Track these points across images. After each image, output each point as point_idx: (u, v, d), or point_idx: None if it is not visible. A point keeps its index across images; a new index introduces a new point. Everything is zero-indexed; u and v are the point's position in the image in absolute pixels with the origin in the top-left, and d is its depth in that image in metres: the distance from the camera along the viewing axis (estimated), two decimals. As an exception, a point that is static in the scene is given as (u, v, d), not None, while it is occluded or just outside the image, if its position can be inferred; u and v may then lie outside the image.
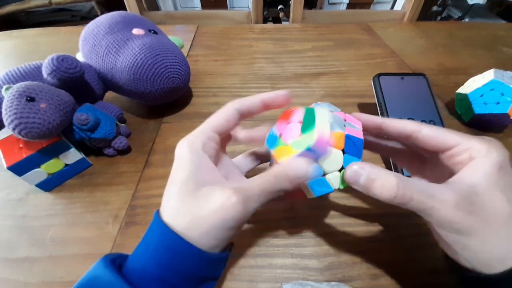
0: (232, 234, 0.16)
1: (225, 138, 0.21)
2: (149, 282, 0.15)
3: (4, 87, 0.26)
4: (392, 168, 0.31)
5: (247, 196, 0.15)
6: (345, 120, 0.19)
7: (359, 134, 0.17)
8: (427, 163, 0.21)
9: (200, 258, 0.15)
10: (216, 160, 0.19)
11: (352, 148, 0.17)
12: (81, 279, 0.16)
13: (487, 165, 0.15)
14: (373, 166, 0.15)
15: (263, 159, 0.24)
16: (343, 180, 0.17)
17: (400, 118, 0.19)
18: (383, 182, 0.15)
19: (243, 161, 0.24)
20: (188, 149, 0.17)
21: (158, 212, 0.17)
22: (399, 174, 0.15)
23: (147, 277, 0.15)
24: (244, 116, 0.19)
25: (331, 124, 0.17)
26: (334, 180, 0.17)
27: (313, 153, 0.16)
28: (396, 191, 0.14)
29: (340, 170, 0.17)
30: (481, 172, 0.15)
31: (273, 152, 0.19)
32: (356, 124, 0.19)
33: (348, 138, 0.17)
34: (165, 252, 0.15)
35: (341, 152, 0.16)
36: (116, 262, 0.16)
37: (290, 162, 0.16)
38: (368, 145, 0.23)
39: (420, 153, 0.21)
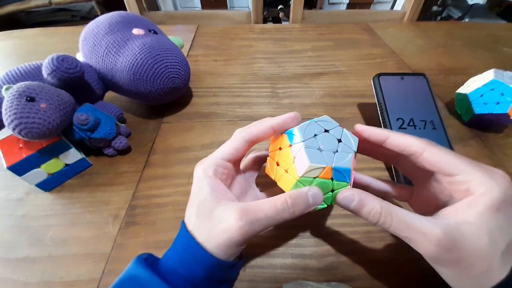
0: (239, 249, 0.18)
1: (239, 159, 0.21)
2: (179, 281, 0.17)
3: (4, 87, 0.26)
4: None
5: (252, 219, 0.17)
6: (339, 141, 0.19)
7: (347, 163, 0.18)
8: (430, 176, 0.20)
9: (217, 266, 0.17)
10: (230, 182, 0.21)
11: (340, 176, 0.18)
12: (119, 278, 0.18)
13: (482, 206, 0.15)
14: (362, 192, 0.17)
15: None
16: (334, 198, 0.19)
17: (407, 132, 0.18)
18: (370, 209, 0.17)
19: (249, 168, 0.24)
20: (203, 174, 0.19)
21: (183, 222, 0.19)
22: (385, 202, 0.17)
23: (177, 277, 0.17)
24: (253, 144, 0.20)
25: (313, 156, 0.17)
26: (327, 199, 0.19)
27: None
28: (379, 217, 0.16)
29: (332, 191, 0.19)
30: (474, 211, 0.15)
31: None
32: (352, 141, 0.19)
33: (336, 170, 0.18)
34: (191, 259, 0.18)
35: (330, 181, 0.18)
36: (148, 261, 0.18)
37: (295, 199, 0.17)
38: (371, 152, 0.23)
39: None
